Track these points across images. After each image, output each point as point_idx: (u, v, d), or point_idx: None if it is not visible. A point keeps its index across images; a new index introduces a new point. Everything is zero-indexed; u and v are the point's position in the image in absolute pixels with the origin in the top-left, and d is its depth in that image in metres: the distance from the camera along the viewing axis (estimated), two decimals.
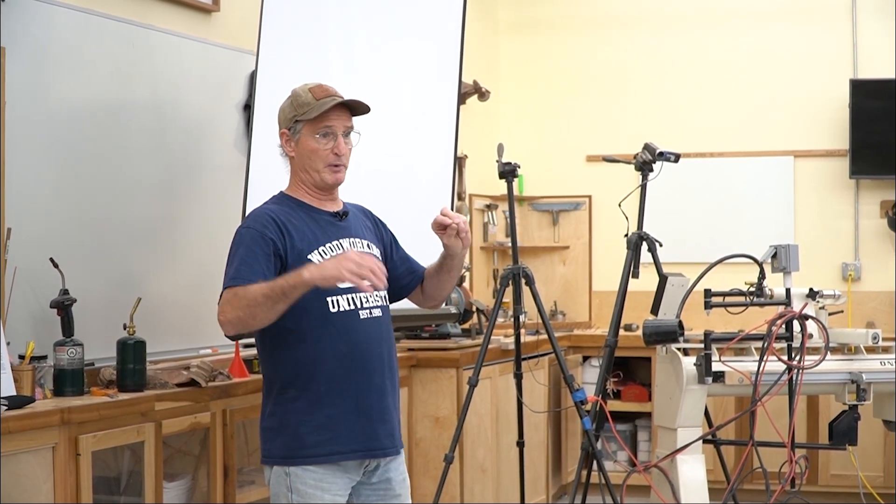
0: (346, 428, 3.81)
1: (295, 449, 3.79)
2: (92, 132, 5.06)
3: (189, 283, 5.57)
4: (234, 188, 5.51)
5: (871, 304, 8.57)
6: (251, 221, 3.82)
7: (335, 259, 3.64)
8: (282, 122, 3.93)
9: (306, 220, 3.87)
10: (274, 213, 3.82)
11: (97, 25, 5.09)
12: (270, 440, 3.86)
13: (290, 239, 3.78)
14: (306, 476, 3.77)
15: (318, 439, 3.78)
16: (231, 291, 3.68)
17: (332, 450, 3.79)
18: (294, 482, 3.77)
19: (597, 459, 5.78)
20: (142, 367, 4.74)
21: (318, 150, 3.87)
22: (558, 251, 9.23)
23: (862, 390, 5.76)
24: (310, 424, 3.78)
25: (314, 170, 3.89)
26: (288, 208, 3.88)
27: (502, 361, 6.90)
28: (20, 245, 4.57)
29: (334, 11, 5.46)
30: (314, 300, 3.76)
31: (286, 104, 3.94)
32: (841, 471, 7.77)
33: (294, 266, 3.71)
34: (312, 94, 3.89)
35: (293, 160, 3.94)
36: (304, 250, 3.80)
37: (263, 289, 3.61)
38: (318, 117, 3.86)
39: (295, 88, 3.95)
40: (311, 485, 3.77)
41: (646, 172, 6.16)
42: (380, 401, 3.89)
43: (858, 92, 8.46)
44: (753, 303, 5.69)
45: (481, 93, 7.87)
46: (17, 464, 3.99)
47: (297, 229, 3.81)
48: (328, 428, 3.79)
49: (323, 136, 3.87)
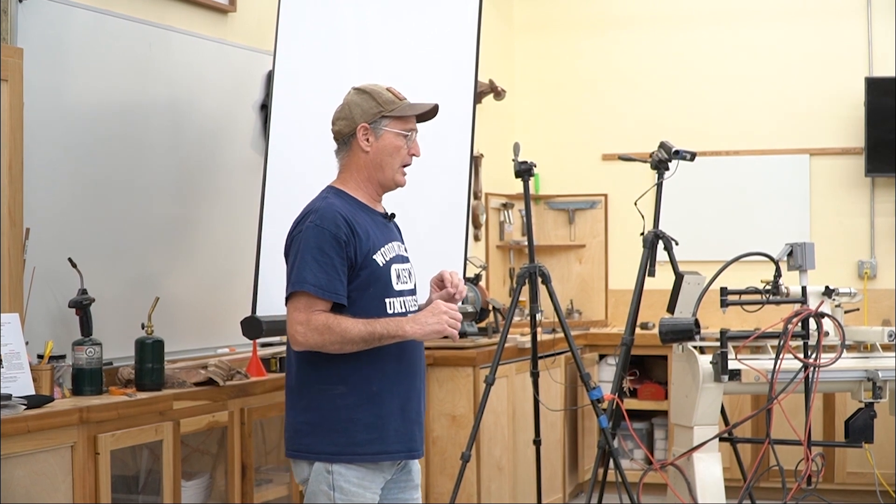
0: (392, 428, 3.80)
1: (343, 446, 3.74)
2: (109, 132, 5.07)
3: (207, 283, 5.59)
4: (251, 188, 5.52)
5: (886, 301, 8.56)
6: (322, 220, 3.73)
7: (432, 314, 3.71)
8: (360, 117, 3.86)
9: (367, 220, 3.84)
10: (342, 212, 3.76)
11: (114, 26, 5.11)
12: (310, 435, 3.78)
13: (358, 240, 3.74)
14: (350, 474, 3.74)
15: (368, 437, 3.76)
16: (324, 323, 3.64)
17: (380, 449, 3.78)
18: (337, 480, 3.73)
19: (613, 458, 5.79)
20: (160, 367, 4.75)
21: (401, 149, 3.88)
22: (574, 250, 9.23)
23: (878, 388, 5.77)
24: (361, 423, 3.75)
25: (390, 168, 3.88)
26: (349, 206, 3.83)
27: (519, 360, 6.91)
28: (39, 245, 4.58)
29: (351, 11, 5.46)
30: (375, 301, 3.78)
31: (361, 99, 3.88)
32: (857, 468, 7.76)
33: (362, 268, 3.74)
34: (392, 93, 3.90)
35: (362, 156, 3.88)
36: (370, 251, 3.78)
37: (362, 332, 3.64)
38: (406, 117, 3.88)
39: (362, 85, 3.93)
40: (354, 483, 3.75)
41: (661, 171, 6.16)
42: (418, 403, 3.92)
43: (874, 90, 8.45)
44: (769, 301, 5.69)
45: (497, 92, 7.90)
46: (36, 463, 4.01)
47: (362, 229, 3.78)
48: (378, 427, 3.77)
49: (405, 136, 3.89)
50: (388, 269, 3.83)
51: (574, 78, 9.32)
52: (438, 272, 3.98)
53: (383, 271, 3.81)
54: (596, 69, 9.29)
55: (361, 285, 3.75)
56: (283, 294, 3.77)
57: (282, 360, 5.44)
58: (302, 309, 3.67)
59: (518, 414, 6.93)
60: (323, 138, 5.14)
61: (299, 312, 3.67)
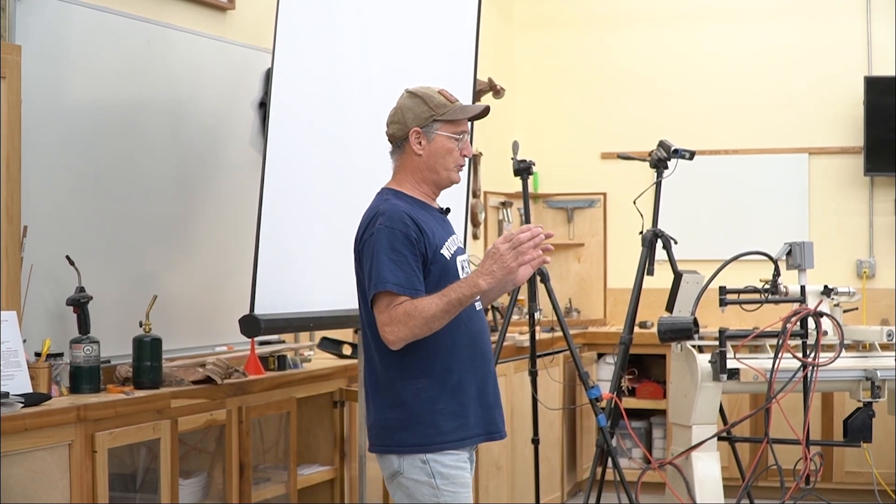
0: (473, 414, 3.90)
1: (433, 437, 3.83)
2: (108, 130, 5.07)
3: (205, 281, 5.58)
4: (249, 186, 5.51)
5: (885, 301, 8.56)
6: (391, 221, 3.79)
7: (492, 260, 3.69)
8: (412, 121, 3.93)
9: (428, 218, 3.92)
10: (407, 211, 3.83)
11: (113, 23, 5.10)
12: (400, 430, 3.85)
13: (426, 237, 3.82)
14: (446, 459, 3.84)
15: (453, 425, 3.85)
16: (404, 312, 3.69)
17: (465, 434, 3.88)
18: (435, 467, 3.82)
19: (612, 456, 5.79)
20: (158, 365, 4.74)
21: (453, 151, 3.95)
22: (573, 248, 9.23)
23: (876, 387, 5.77)
24: (446, 412, 3.84)
25: (445, 168, 3.96)
26: (410, 205, 3.90)
27: (517, 359, 6.91)
28: (37, 243, 4.58)
29: (350, 9, 5.45)
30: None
31: (413, 103, 3.95)
32: (855, 468, 7.77)
33: (432, 263, 3.81)
34: (444, 96, 3.97)
35: (416, 159, 3.96)
36: (437, 246, 3.86)
37: (439, 304, 3.68)
38: (457, 120, 3.95)
39: (414, 89, 4.00)
40: (452, 466, 3.84)
41: (661, 170, 6.16)
42: (495, 387, 4.01)
43: (873, 89, 8.45)
44: (768, 300, 5.69)
45: (496, 90, 7.88)
46: (34, 461, 4.00)
47: (426, 226, 3.85)
48: (461, 415, 3.87)
49: (457, 137, 3.96)
50: (454, 262, 3.92)
51: (573, 76, 9.33)
52: None
53: (451, 264, 3.90)
54: (595, 68, 9.29)
55: (434, 280, 3.82)
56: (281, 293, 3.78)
57: (280, 358, 5.43)
58: (384, 310, 3.74)
59: (516, 412, 6.92)
60: (322, 136, 5.16)
61: (383, 314, 3.74)
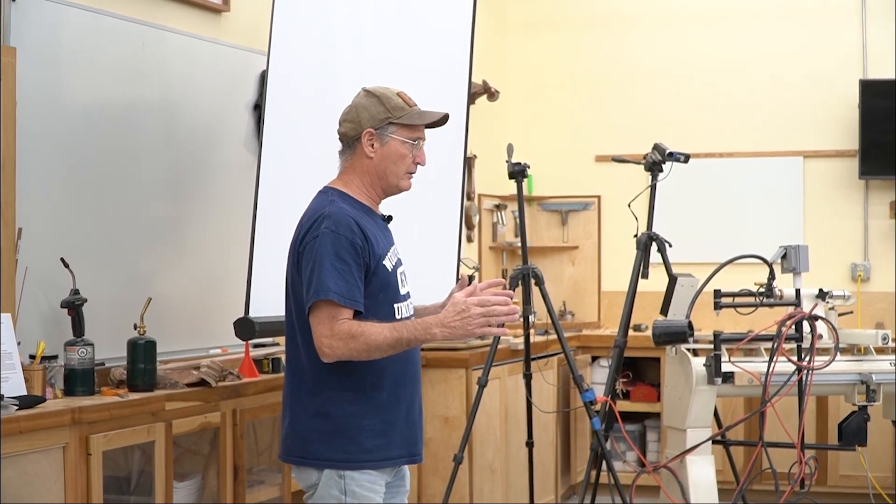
0: (398, 434, 3.79)
1: (353, 453, 3.70)
2: (102, 132, 5.07)
3: (199, 283, 5.58)
4: (244, 188, 5.51)
5: (880, 304, 8.56)
6: (337, 226, 3.63)
7: (458, 315, 3.58)
8: (367, 121, 3.76)
9: (373, 224, 3.78)
10: (353, 217, 3.68)
11: (107, 25, 5.10)
12: (321, 442, 3.72)
13: (370, 245, 3.68)
14: (362, 479, 3.72)
15: (375, 444, 3.73)
16: (347, 332, 3.55)
17: (386, 455, 3.76)
18: (349, 485, 3.70)
19: (606, 460, 5.79)
20: (152, 367, 4.74)
21: (406, 157, 3.79)
22: (567, 251, 9.22)
23: (871, 391, 5.77)
24: (369, 429, 3.71)
25: (395, 175, 3.80)
26: (356, 209, 3.75)
27: (511, 362, 6.90)
28: (31, 245, 4.57)
29: (344, 11, 5.46)
30: (385, 307, 3.73)
31: (370, 103, 3.79)
32: (850, 471, 7.76)
33: (374, 273, 3.67)
34: (402, 99, 3.81)
35: (366, 161, 3.80)
36: (380, 256, 3.72)
37: (388, 338, 3.56)
38: (414, 125, 3.80)
39: (372, 88, 3.83)
40: (366, 487, 3.72)
41: (655, 173, 6.16)
42: (420, 408, 3.91)
43: (868, 92, 8.45)
44: (763, 303, 5.69)
45: (490, 93, 7.88)
46: (28, 463, 4.00)
47: (371, 233, 3.71)
48: (385, 434, 3.75)
49: (412, 143, 3.80)
50: (395, 274, 3.79)
51: (568, 79, 9.32)
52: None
53: (392, 277, 3.77)
54: (590, 70, 9.28)
55: (373, 291, 3.69)
56: (277, 295, 3.75)
57: (274, 361, 5.42)
58: (325, 321, 3.58)
59: (511, 416, 6.92)
60: (316, 138, 5.16)
61: (323, 325, 3.59)
